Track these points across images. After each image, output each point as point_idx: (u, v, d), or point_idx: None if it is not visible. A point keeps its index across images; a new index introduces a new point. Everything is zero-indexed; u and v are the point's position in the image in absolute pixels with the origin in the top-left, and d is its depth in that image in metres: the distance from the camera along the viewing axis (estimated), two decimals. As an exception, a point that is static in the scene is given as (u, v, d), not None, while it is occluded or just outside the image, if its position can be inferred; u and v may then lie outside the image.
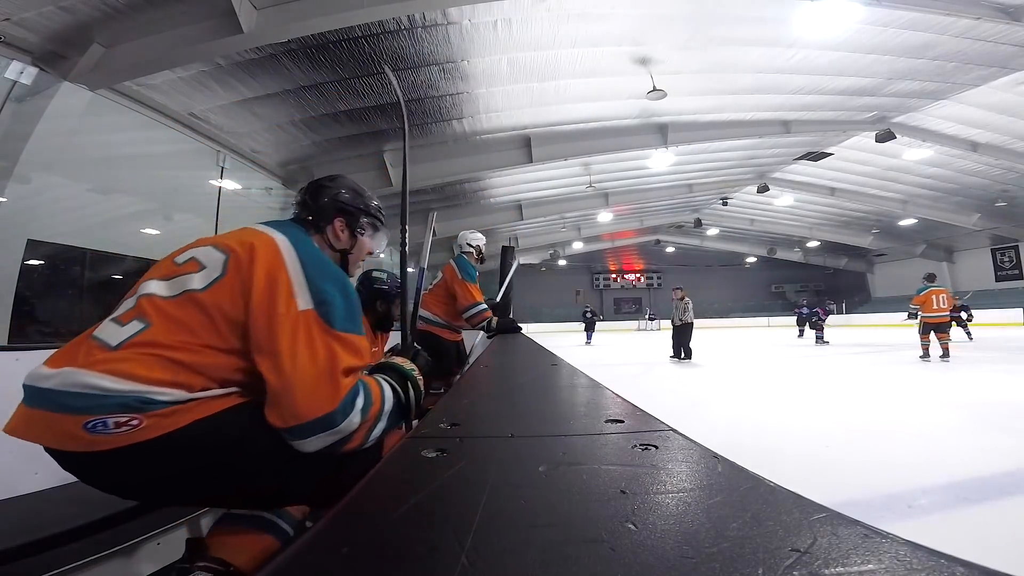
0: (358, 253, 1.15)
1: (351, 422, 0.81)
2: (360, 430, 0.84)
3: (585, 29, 5.66)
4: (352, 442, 0.84)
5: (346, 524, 0.39)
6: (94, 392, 0.69)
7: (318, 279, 0.86)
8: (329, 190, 1.10)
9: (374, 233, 1.19)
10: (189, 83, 5.08)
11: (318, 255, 0.92)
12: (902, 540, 0.30)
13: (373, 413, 0.86)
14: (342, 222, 1.10)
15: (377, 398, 0.89)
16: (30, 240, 4.16)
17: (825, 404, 4.02)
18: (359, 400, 0.83)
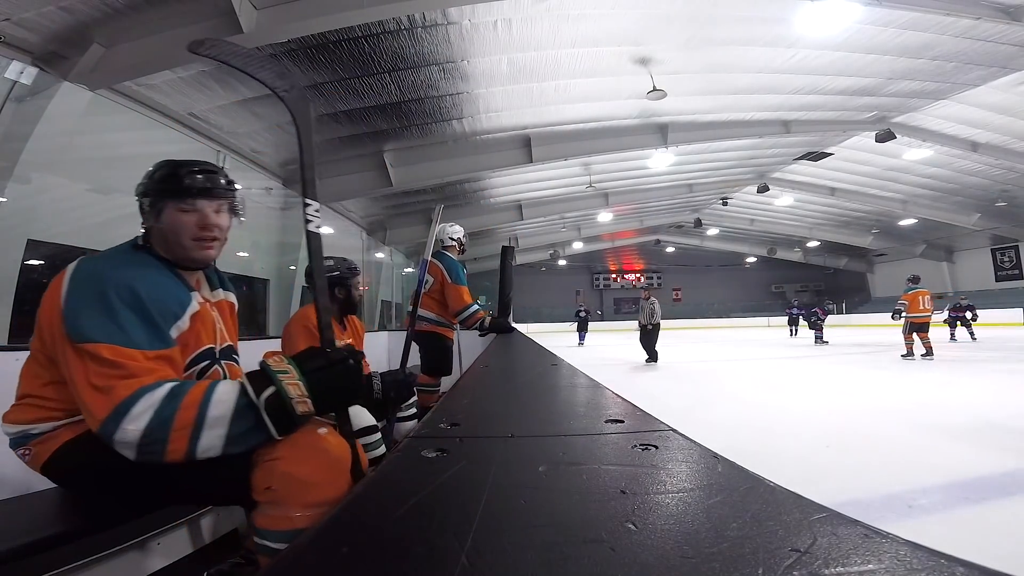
0: (169, 234, 0.98)
1: (126, 431, 0.76)
2: (170, 442, 0.77)
3: (585, 29, 5.66)
4: (168, 453, 0.78)
5: (346, 524, 0.39)
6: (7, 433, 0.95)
7: (72, 296, 0.84)
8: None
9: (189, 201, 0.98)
10: (189, 83, 5.07)
11: (91, 270, 0.88)
12: (902, 540, 0.30)
13: (184, 421, 0.78)
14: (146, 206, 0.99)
15: (190, 404, 0.79)
16: (30, 240, 4.15)
17: (824, 404, 4.02)
18: (138, 409, 0.77)
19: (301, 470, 0.84)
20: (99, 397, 0.79)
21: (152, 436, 0.77)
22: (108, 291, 0.84)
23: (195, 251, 1.00)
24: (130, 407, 0.77)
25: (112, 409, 0.77)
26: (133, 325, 0.84)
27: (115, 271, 0.88)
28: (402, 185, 8.14)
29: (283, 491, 0.84)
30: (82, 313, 0.83)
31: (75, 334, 0.81)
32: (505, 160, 8.39)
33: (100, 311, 0.83)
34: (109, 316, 0.83)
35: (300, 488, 0.84)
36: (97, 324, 0.82)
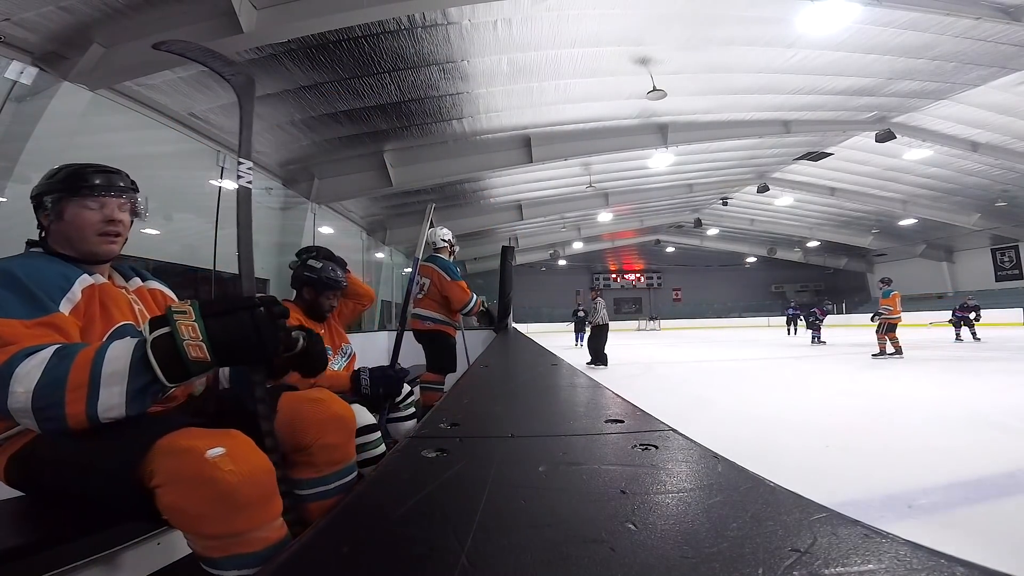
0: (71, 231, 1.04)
1: (16, 396, 0.74)
2: (67, 404, 0.75)
3: (585, 29, 5.66)
4: (69, 418, 0.75)
5: (346, 524, 0.39)
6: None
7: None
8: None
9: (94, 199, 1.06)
10: (189, 83, 5.07)
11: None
12: (902, 540, 0.30)
13: (78, 380, 0.75)
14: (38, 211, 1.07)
15: (83, 363, 0.76)
16: (30, 240, 4.16)
17: (824, 404, 4.02)
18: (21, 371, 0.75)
19: (184, 501, 0.74)
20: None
21: (46, 398, 0.74)
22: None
23: (99, 245, 1.05)
24: (13, 368, 0.75)
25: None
26: (6, 300, 0.84)
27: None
28: (402, 185, 8.14)
29: (175, 521, 0.77)
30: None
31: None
32: (505, 160, 8.39)
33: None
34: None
35: (189, 520, 0.76)
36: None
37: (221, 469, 0.74)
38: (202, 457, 0.75)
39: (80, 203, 1.03)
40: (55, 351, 0.78)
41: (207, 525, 0.75)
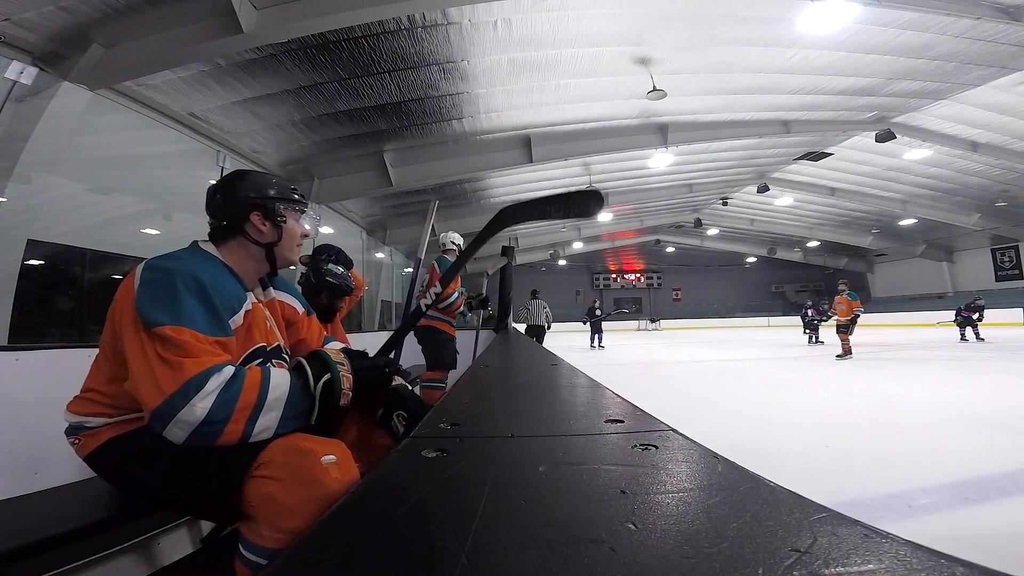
0: (288, 241, 1.12)
1: (194, 410, 0.80)
2: (231, 422, 0.83)
3: (585, 29, 5.65)
4: (226, 434, 0.83)
5: (346, 524, 0.39)
6: (67, 421, 0.99)
7: (143, 287, 0.90)
8: (236, 188, 1.09)
9: (299, 215, 1.16)
10: (189, 83, 5.07)
11: (157, 264, 0.94)
12: (902, 540, 0.30)
13: (246, 402, 0.84)
14: (259, 216, 1.08)
15: (252, 386, 0.86)
16: (30, 240, 4.15)
17: (824, 404, 4.02)
18: (209, 388, 0.82)
19: (284, 495, 0.82)
20: (167, 372, 0.83)
21: (216, 416, 0.82)
22: (175, 280, 0.91)
23: (297, 256, 1.16)
24: (202, 384, 0.82)
25: (182, 384, 0.81)
26: (198, 311, 0.90)
27: (181, 263, 0.95)
28: (402, 185, 8.14)
29: (259, 510, 0.83)
30: (152, 300, 0.88)
31: (146, 320, 0.87)
32: (505, 160, 8.39)
33: (168, 297, 0.89)
34: (177, 302, 0.88)
35: (276, 512, 0.82)
36: (165, 309, 0.87)
37: (330, 475, 0.84)
38: (318, 461, 0.84)
39: (300, 219, 1.15)
40: (233, 374, 0.87)
41: (290, 519, 0.81)
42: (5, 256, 3.93)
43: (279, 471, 0.83)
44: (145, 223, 6.00)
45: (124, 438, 0.95)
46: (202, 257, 1.04)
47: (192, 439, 0.82)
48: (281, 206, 1.10)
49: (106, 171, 5.02)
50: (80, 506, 1.04)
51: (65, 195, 4.78)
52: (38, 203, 4.31)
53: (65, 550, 0.95)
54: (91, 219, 5.21)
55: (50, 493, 1.16)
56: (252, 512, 0.84)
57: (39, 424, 1.56)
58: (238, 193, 1.08)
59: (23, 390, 1.63)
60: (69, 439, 1.00)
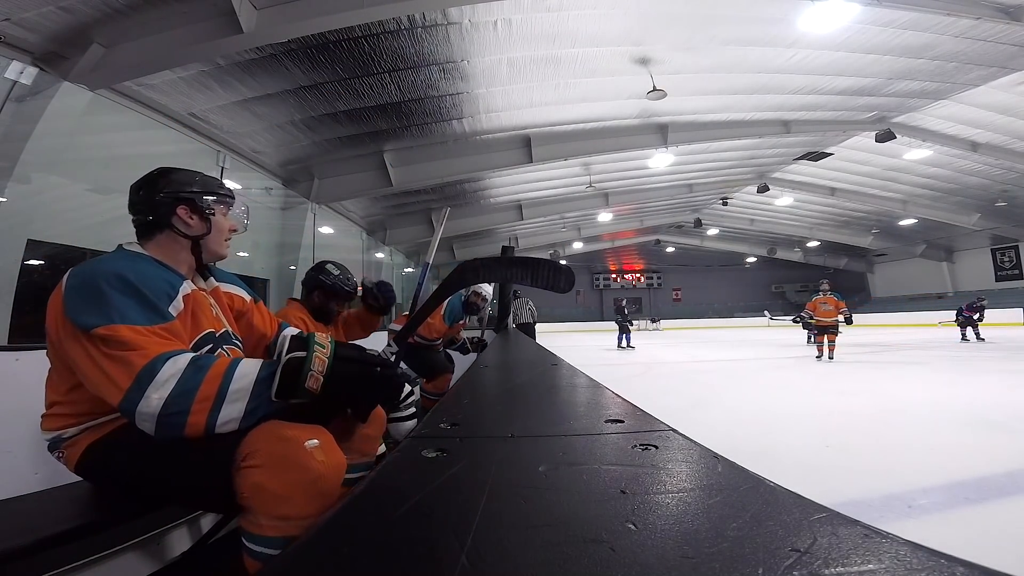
0: (216, 235, 1.13)
1: (150, 401, 0.80)
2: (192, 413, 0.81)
3: (585, 29, 5.66)
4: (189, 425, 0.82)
5: (346, 524, 0.39)
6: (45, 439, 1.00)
7: (69, 295, 0.90)
8: (159, 184, 1.09)
9: (228, 209, 1.16)
10: (189, 83, 5.08)
11: (77, 270, 0.94)
12: (902, 540, 0.30)
13: (207, 393, 0.83)
14: (186, 209, 1.08)
15: (215, 376, 0.84)
16: (30, 240, 4.16)
17: (824, 404, 4.02)
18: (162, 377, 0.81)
19: (273, 482, 0.81)
20: (118, 369, 0.83)
21: (174, 406, 0.81)
22: (98, 281, 0.90)
23: (226, 249, 1.16)
24: (154, 373, 0.82)
25: (135, 377, 0.81)
26: (127, 305, 0.89)
27: (102, 265, 0.95)
28: (402, 185, 8.14)
29: (252, 500, 0.83)
30: (79, 305, 0.88)
31: (79, 325, 0.86)
32: (505, 160, 8.39)
33: (94, 299, 0.88)
34: (103, 301, 0.88)
35: (268, 500, 0.82)
36: (95, 311, 0.86)
37: (315, 459, 0.84)
38: (301, 446, 0.84)
39: (223, 210, 1.14)
40: (191, 361, 0.85)
41: (285, 506, 0.81)
42: (5, 256, 3.93)
43: (264, 459, 0.83)
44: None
45: (103, 441, 0.96)
46: (125, 255, 1.05)
47: (161, 431, 0.82)
48: (209, 199, 1.11)
49: (106, 171, 5.02)
50: (80, 506, 1.04)
51: (65, 195, 4.78)
52: (38, 203, 4.31)
53: (65, 550, 0.95)
54: (91, 219, 5.21)
55: (50, 493, 1.16)
56: (247, 503, 0.84)
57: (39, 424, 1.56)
58: (164, 188, 1.09)
59: (23, 390, 1.63)
60: (53, 455, 1.00)
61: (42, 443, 1.02)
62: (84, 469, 0.98)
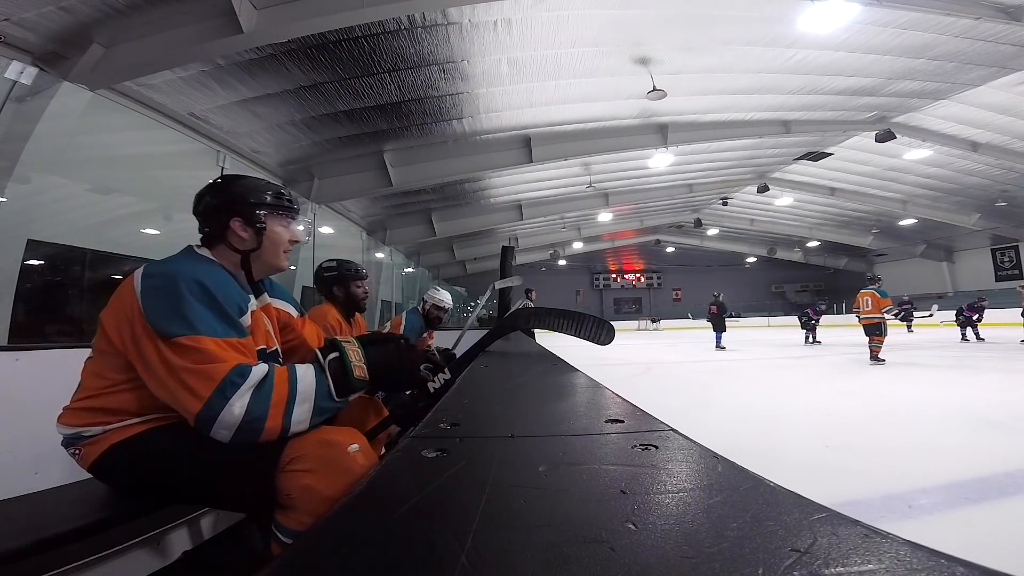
0: (272, 247, 1.11)
1: (232, 409, 0.83)
2: (269, 418, 0.86)
3: (585, 29, 5.66)
4: (268, 431, 0.86)
5: (346, 524, 0.39)
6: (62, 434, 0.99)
7: (147, 296, 0.91)
8: (215, 195, 1.09)
9: (288, 221, 1.14)
10: (189, 83, 5.07)
11: (157, 271, 0.95)
12: (902, 540, 0.30)
13: (279, 397, 0.88)
14: (239, 222, 1.07)
15: (283, 381, 0.90)
16: (30, 240, 4.16)
17: (824, 404, 4.02)
18: (243, 386, 0.85)
19: (322, 484, 0.86)
20: (198, 378, 0.85)
21: (254, 413, 0.85)
22: (180, 286, 0.91)
23: (284, 262, 1.16)
24: (236, 383, 0.85)
25: (216, 387, 0.84)
26: (209, 316, 0.91)
27: (182, 268, 0.96)
28: (402, 185, 8.14)
29: (299, 500, 0.88)
30: (161, 310, 0.90)
31: (160, 331, 0.88)
32: (505, 160, 8.39)
33: (177, 305, 0.90)
34: (187, 309, 0.89)
35: (316, 500, 0.86)
36: (178, 319, 0.89)
37: (358, 462, 0.90)
38: (345, 450, 0.91)
39: (279, 222, 1.12)
40: (264, 372, 0.89)
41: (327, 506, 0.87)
42: (5, 256, 3.93)
43: (314, 463, 0.88)
44: (145, 223, 6.01)
45: (128, 443, 0.95)
46: (199, 260, 1.04)
47: (238, 438, 0.85)
48: (262, 212, 1.08)
49: (106, 171, 5.02)
50: (80, 506, 1.04)
51: (65, 195, 4.79)
52: (38, 203, 4.32)
53: (65, 550, 0.95)
54: (91, 219, 5.21)
55: (50, 493, 1.16)
56: (291, 503, 0.89)
57: (39, 424, 1.55)
58: (219, 200, 1.08)
59: (23, 390, 1.63)
60: (68, 451, 0.99)
61: (41, 443, 1.02)
62: (100, 468, 0.98)
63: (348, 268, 2.21)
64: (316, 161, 7.52)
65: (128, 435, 0.96)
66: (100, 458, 0.96)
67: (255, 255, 1.10)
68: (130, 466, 0.96)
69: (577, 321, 1.22)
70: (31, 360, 1.72)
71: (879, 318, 6.80)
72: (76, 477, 1.18)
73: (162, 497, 1.02)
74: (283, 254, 1.14)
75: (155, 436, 0.95)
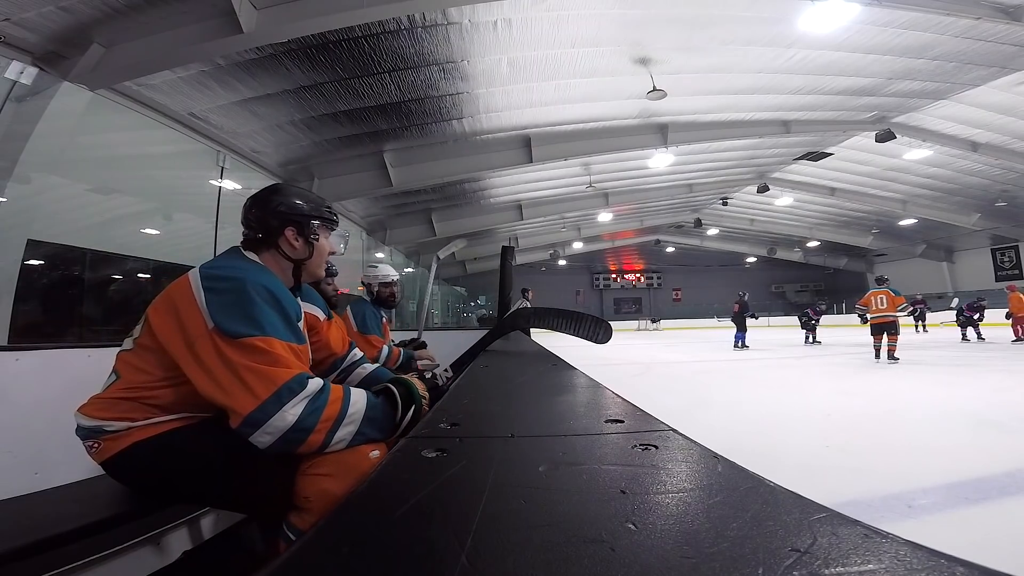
0: (318, 258, 1.15)
1: (285, 416, 0.84)
2: (315, 431, 0.86)
3: (585, 29, 5.65)
4: (308, 443, 0.87)
5: (346, 524, 0.39)
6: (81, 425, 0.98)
7: (211, 294, 0.91)
8: (271, 202, 1.10)
9: (329, 233, 1.19)
10: (189, 83, 5.07)
11: (222, 274, 0.95)
12: (902, 540, 0.30)
13: (330, 414, 0.88)
14: (293, 232, 1.09)
15: (336, 399, 0.90)
16: (30, 240, 4.15)
17: (824, 404, 4.02)
18: (300, 395, 0.86)
19: (341, 489, 0.87)
20: (259, 380, 0.85)
21: (303, 423, 0.85)
22: (248, 289, 0.92)
23: (323, 271, 1.20)
24: (294, 390, 0.85)
25: (275, 391, 0.84)
26: (277, 320, 0.93)
27: (246, 272, 0.96)
28: (402, 185, 8.14)
29: (317, 504, 0.89)
30: (229, 310, 0.90)
31: (227, 330, 0.88)
32: (505, 160, 8.39)
33: (247, 308, 0.90)
34: (257, 312, 0.90)
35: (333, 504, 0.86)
36: (247, 320, 0.89)
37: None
38: (367, 456, 0.92)
39: (331, 237, 1.18)
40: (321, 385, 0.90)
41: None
42: (5, 256, 3.93)
43: (333, 468, 0.89)
44: (145, 223, 6.00)
45: (152, 442, 0.95)
46: (257, 266, 1.06)
47: (277, 445, 0.85)
48: (315, 224, 1.12)
49: (106, 171, 5.01)
50: (81, 506, 1.04)
51: (65, 195, 4.78)
52: (38, 203, 4.31)
53: (65, 550, 0.95)
54: (91, 219, 5.21)
55: (50, 493, 1.16)
56: (307, 505, 0.90)
57: (39, 424, 1.56)
58: (275, 208, 1.09)
59: (23, 390, 1.63)
60: (85, 443, 0.98)
61: (42, 443, 1.02)
62: (116, 465, 0.97)
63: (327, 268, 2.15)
64: (316, 161, 7.52)
65: (151, 434, 0.96)
66: (118, 455, 0.96)
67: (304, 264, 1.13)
68: (149, 465, 0.96)
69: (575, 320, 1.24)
70: (31, 360, 1.72)
71: (893, 317, 6.91)
72: (76, 477, 1.18)
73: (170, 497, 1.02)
74: (323, 264, 1.19)
75: (179, 436, 0.96)
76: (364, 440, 0.94)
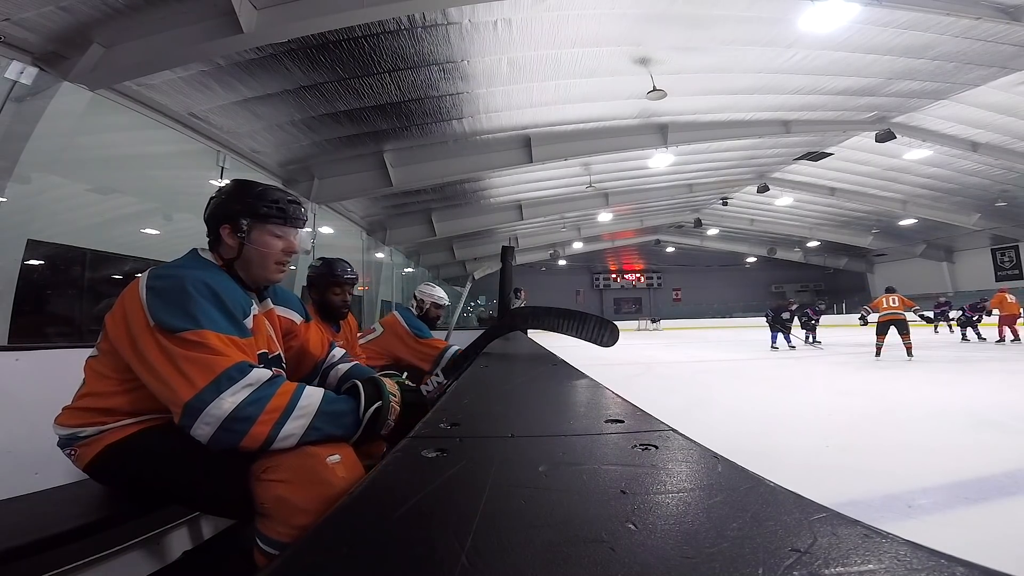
0: (259, 258, 1.06)
1: (222, 403, 0.81)
2: (258, 422, 0.83)
3: (585, 29, 5.65)
4: (252, 435, 0.83)
5: (346, 524, 0.39)
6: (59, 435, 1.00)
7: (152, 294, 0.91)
8: (211, 201, 1.08)
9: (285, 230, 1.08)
10: (189, 83, 5.07)
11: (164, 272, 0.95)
12: (902, 540, 0.30)
13: (277, 404, 0.85)
14: (227, 229, 1.05)
15: (286, 392, 0.87)
16: (30, 240, 4.16)
17: (824, 404, 4.02)
18: (240, 384, 0.83)
19: (296, 496, 0.84)
20: (197, 369, 0.84)
21: (243, 412, 0.82)
22: (186, 285, 0.92)
23: (274, 274, 1.10)
24: (233, 379, 0.83)
25: (214, 378, 0.82)
26: (215, 314, 0.91)
27: (187, 270, 0.96)
28: (402, 185, 8.14)
29: (273, 510, 0.86)
30: (166, 307, 0.89)
31: (164, 326, 0.87)
32: (505, 160, 8.39)
33: (183, 303, 0.90)
34: (193, 306, 0.90)
35: (289, 511, 0.84)
36: (183, 315, 0.88)
37: (337, 475, 0.86)
38: (323, 462, 0.87)
39: (268, 230, 1.07)
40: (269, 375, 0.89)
41: (304, 517, 0.83)
42: (5, 256, 3.93)
43: (287, 473, 0.85)
44: (145, 223, 6.01)
45: (122, 444, 0.96)
46: (203, 264, 1.05)
47: (218, 437, 0.82)
48: (245, 221, 1.04)
49: (106, 171, 5.02)
50: (80, 506, 1.04)
51: (65, 195, 4.78)
52: (38, 203, 4.31)
53: (65, 550, 0.95)
54: (91, 219, 5.21)
55: (50, 493, 1.16)
56: (267, 511, 0.87)
57: (39, 424, 1.55)
58: (212, 206, 1.08)
59: (23, 390, 1.63)
60: (64, 451, 1.00)
61: (41, 443, 1.03)
62: (96, 469, 0.98)
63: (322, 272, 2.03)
64: (316, 161, 7.52)
65: (121, 436, 0.97)
66: (95, 459, 0.97)
67: (238, 264, 1.06)
68: (123, 467, 0.97)
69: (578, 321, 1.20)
70: (31, 360, 1.72)
71: (903, 314, 7.18)
72: (76, 477, 1.18)
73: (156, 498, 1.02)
74: (274, 265, 1.08)
75: (145, 437, 0.96)
76: (320, 436, 0.88)
